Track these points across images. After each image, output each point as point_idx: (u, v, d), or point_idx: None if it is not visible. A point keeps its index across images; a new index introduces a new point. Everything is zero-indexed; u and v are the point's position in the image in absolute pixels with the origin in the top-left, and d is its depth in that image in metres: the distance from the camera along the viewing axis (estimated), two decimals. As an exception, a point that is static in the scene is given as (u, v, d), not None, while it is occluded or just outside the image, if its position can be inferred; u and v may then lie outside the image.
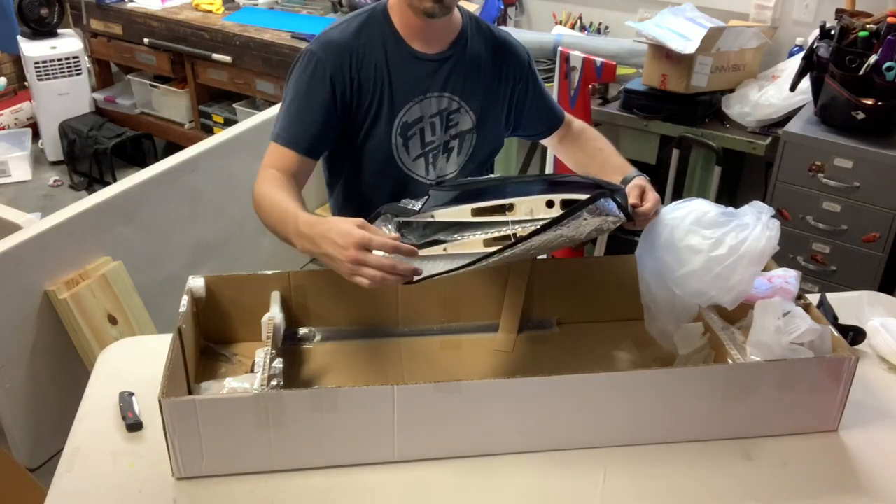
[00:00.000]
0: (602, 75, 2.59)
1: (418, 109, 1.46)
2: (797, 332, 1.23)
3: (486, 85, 1.52)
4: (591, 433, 1.23)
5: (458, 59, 1.48)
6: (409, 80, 1.45)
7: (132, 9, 3.75)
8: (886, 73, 2.17)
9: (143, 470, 1.19)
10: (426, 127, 1.48)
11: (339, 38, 1.43)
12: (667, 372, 1.24)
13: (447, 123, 1.50)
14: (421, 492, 1.17)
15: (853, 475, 1.21)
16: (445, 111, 1.49)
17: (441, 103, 1.48)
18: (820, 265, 2.42)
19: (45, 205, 3.67)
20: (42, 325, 2.12)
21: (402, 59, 1.45)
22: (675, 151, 2.66)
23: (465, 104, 1.50)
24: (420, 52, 1.46)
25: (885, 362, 1.44)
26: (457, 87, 1.48)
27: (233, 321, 1.44)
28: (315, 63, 1.41)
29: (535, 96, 1.60)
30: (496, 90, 1.54)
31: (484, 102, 1.52)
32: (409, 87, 1.45)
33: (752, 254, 1.28)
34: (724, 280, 1.28)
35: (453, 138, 1.51)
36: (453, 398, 1.17)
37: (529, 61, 1.57)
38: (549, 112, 1.65)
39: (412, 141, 1.48)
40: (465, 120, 1.51)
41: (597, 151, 1.61)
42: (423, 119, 1.47)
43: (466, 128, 1.52)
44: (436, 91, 1.47)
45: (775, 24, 2.81)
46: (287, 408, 1.14)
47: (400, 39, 1.45)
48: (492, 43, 1.53)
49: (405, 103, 1.45)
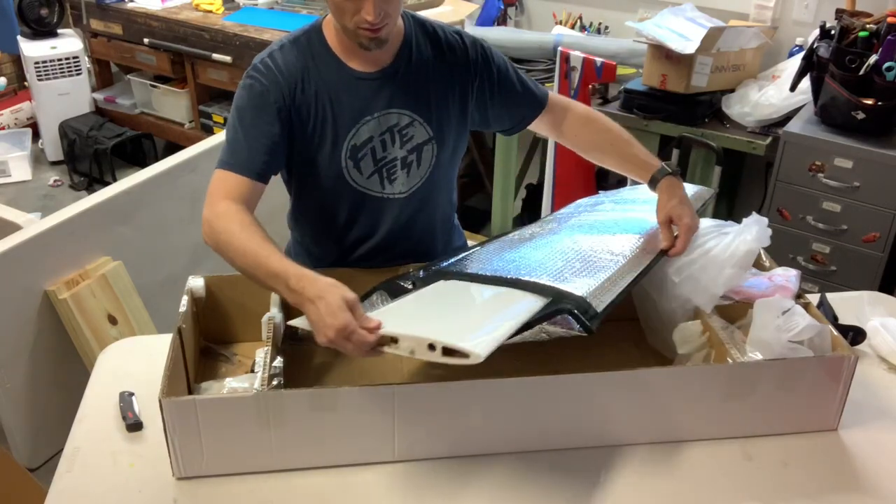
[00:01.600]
0: (602, 75, 2.59)
1: (366, 130, 1.40)
2: (796, 329, 1.23)
3: (437, 92, 1.45)
4: (592, 433, 1.23)
5: (402, 72, 1.41)
6: (352, 103, 1.39)
7: (132, 9, 3.74)
8: (886, 73, 2.17)
9: (143, 470, 1.19)
10: (377, 146, 1.42)
11: (278, 63, 1.37)
12: (667, 371, 1.24)
13: (401, 139, 1.43)
14: (421, 492, 1.17)
15: (853, 475, 1.21)
16: (396, 127, 1.42)
17: (390, 120, 1.41)
18: (820, 265, 2.42)
19: (45, 205, 3.67)
20: (42, 325, 2.12)
21: (343, 82, 1.39)
22: (675, 151, 2.66)
23: (417, 117, 1.43)
24: (361, 73, 1.39)
25: (885, 362, 1.44)
26: (404, 101, 1.42)
27: (233, 321, 1.44)
28: (256, 88, 1.36)
29: (501, 87, 1.50)
30: (450, 94, 1.46)
31: (438, 110, 1.45)
32: (353, 111, 1.39)
33: (722, 256, 1.35)
34: (695, 281, 1.34)
35: (410, 153, 1.44)
36: (453, 398, 1.17)
37: (486, 54, 1.48)
38: (523, 98, 1.54)
39: (363, 161, 1.43)
40: (420, 132, 1.44)
41: (608, 146, 1.53)
42: (372, 139, 1.41)
43: (423, 140, 1.45)
44: (382, 110, 1.41)
45: (775, 24, 2.81)
46: (287, 408, 1.14)
47: (339, 62, 1.39)
48: (439, 45, 1.45)
49: (351, 127, 1.40)
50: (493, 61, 1.49)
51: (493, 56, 1.49)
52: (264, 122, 1.36)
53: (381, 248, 1.51)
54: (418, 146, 1.45)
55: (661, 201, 1.40)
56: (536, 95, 1.55)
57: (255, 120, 1.36)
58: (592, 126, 1.54)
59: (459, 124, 1.49)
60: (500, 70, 1.50)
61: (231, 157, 1.36)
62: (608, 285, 1.20)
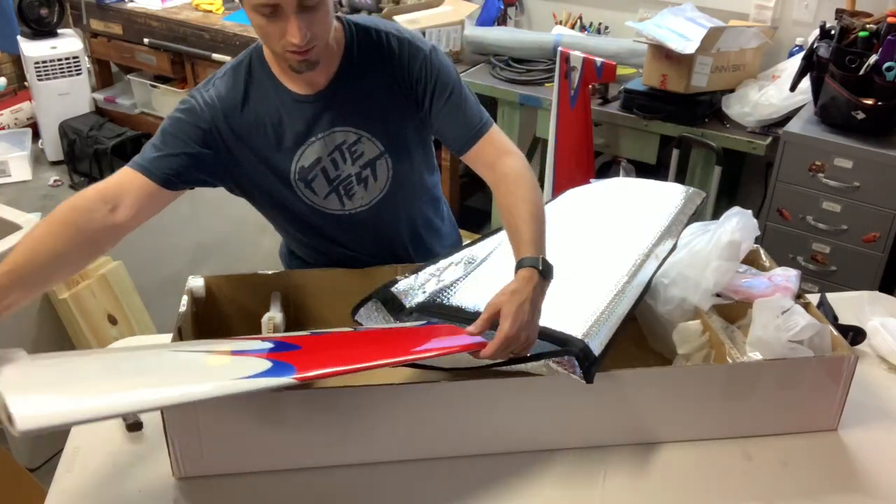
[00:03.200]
0: (602, 75, 2.59)
1: (312, 152, 1.37)
2: (796, 328, 1.24)
3: (383, 104, 1.38)
4: (591, 433, 1.23)
5: (344, 87, 1.36)
6: (294, 125, 1.36)
7: (132, 9, 3.75)
8: (886, 73, 2.17)
9: (143, 470, 1.19)
10: (327, 166, 1.39)
11: (218, 90, 1.34)
12: (667, 371, 1.24)
13: (352, 156, 1.39)
14: (421, 492, 1.17)
15: (853, 475, 1.21)
16: (343, 145, 1.38)
17: (335, 139, 1.37)
18: (820, 265, 2.42)
19: (45, 205, 3.67)
20: (42, 325, 2.12)
21: (284, 105, 1.35)
22: (675, 151, 2.66)
23: (364, 132, 1.38)
24: (300, 95, 1.35)
25: (885, 362, 1.44)
26: (348, 119, 1.37)
27: (233, 321, 1.44)
28: (190, 108, 1.33)
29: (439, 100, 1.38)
30: (397, 103, 1.39)
31: (387, 123, 1.39)
32: (296, 133, 1.36)
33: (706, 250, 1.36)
34: (685, 279, 1.35)
35: (364, 168, 1.40)
36: (453, 398, 1.17)
37: (429, 64, 1.37)
38: (458, 122, 1.38)
39: (315, 182, 1.40)
40: (370, 148, 1.39)
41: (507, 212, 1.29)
42: (321, 160, 1.38)
43: (374, 155, 1.40)
44: (325, 129, 1.37)
45: (775, 24, 2.81)
46: (287, 408, 1.14)
47: (278, 84, 1.35)
48: (381, 52, 1.37)
49: (295, 149, 1.37)
50: (434, 74, 1.37)
51: (436, 68, 1.37)
52: (185, 135, 1.32)
53: (360, 257, 1.49)
54: (370, 161, 1.40)
55: (503, 289, 1.17)
56: (471, 126, 1.38)
57: (179, 134, 1.32)
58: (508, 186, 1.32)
59: (418, 131, 1.43)
60: (439, 84, 1.37)
61: (141, 158, 1.32)
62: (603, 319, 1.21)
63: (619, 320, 1.23)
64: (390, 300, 1.34)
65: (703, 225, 1.47)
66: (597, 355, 1.14)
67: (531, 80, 2.92)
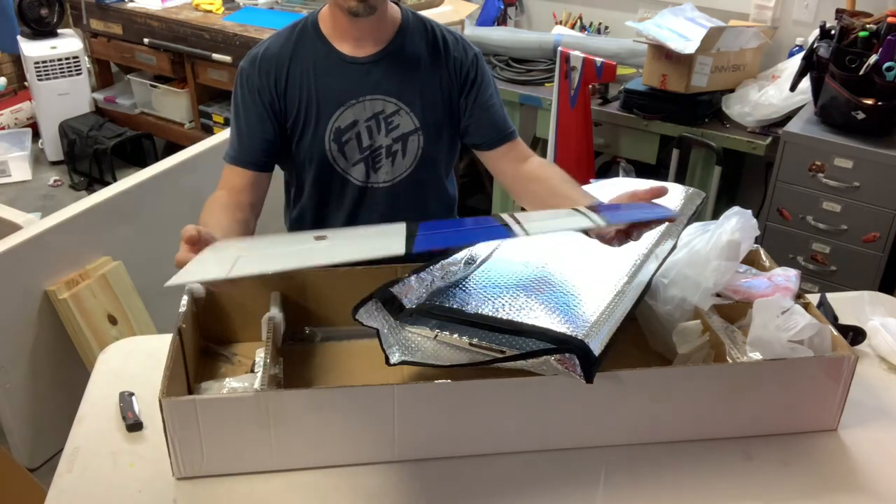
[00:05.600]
0: (602, 75, 2.59)
1: (351, 114, 1.44)
2: (796, 328, 1.24)
3: (426, 85, 1.47)
4: (591, 433, 1.23)
5: (392, 59, 1.44)
6: (338, 85, 1.42)
7: (132, 9, 3.75)
8: (886, 73, 2.17)
9: (143, 470, 1.19)
10: (362, 131, 1.45)
11: (266, 51, 1.45)
12: (666, 371, 1.24)
13: (387, 126, 1.45)
14: (421, 492, 1.17)
15: (853, 474, 1.21)
16: (381, 114, 1.45)
17: (375, 106, 1.44)
18: (820, 265, 2.42)
19: (45, 205, 3.67)
20: (42, 325, 2.12)
21: (330, 64, 1.43)
22: (675, 151, 2.67)
23: (403, 105, 1.45)
24: (349, 56, 1.43)
25: (885, 362, 1.44)
26: (392, 88, 1.44)
27: (233, 321, 1.44)
28: (245, 79, 1.45)
29: (478, 100, 1.50)
30: (439, 90, 1.48)
31: (426, 102, 1.47)
32: (338, 93, 1.43)
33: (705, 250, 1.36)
34: (685, 279, 1.36)
35: (395, 141, 1.47)
36: (453, 398, 1.17)
37: (477, 64, 1.50)
38: (492, 121, 1.51)
39: (348, 146, 1.46)
40: (406, 122, 1.46)
41: (552, 194, 1.41)
42: (357, 123, 1.44)
43: (408, 129, 1.47)
44: (368, 94, 1.43)
45: (775, 24, 2.81)
46: (287, 408, 1.14)
47: (329, 45, 1.43)
48: (435, 43, 1.48)
49: (335, 109, 1.43)
50: (479, 71, 1.50)
51: (483, 69, 1.51)
52: (255, 115, 1.44)
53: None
54: (404, 136, 1.47)
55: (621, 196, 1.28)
56: (505, 129, 1.52)
57: (248, 114, 1.45)
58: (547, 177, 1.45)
59: (451, 122, 1.51)
60: (483, 83, 1.50)
61: (232, 149, 1.47)
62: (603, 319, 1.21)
63: (619, 320, 1.22)
64: (390, 300, 1.34)
65: (703, 225, 1.47)
66: (597, 355, 1.14)
67: (531, 80, 2.92)
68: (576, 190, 1.40)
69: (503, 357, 1.17)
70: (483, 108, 1.50)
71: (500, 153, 1.52)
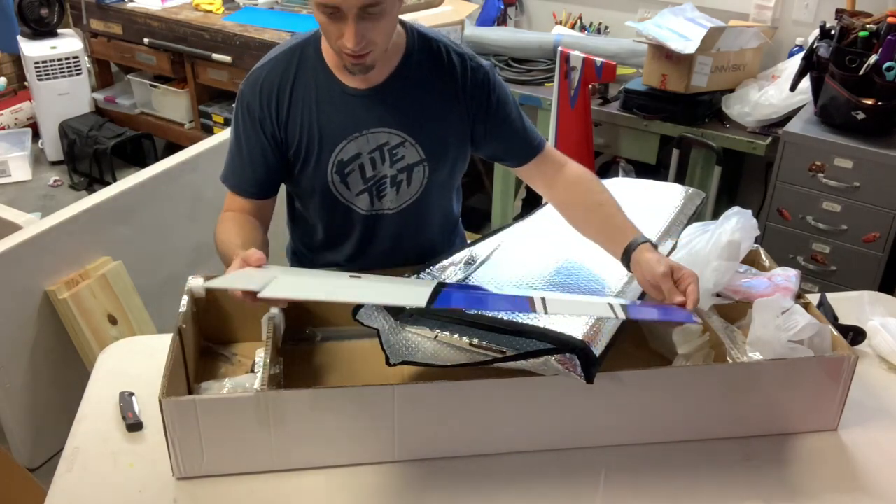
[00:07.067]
0: (602, 75, 2.59)
1: (354, 147, 1.37)
2: (796, 328, 1.24)
3: (433, 113, 1.39)
4: (591, 433, 1.23)
5: (397, 90, 1.37)
6: (340, 118, 1.36)
7: (132, 9, 3.74)
8: (886, 73, 2.17)
9: (143, 470, 1.19)
10: (365, 163, 1.39)
11: (267, 76, 1.36)
12: (666, 371, 1.24)
13: (392, 158, 1.39)
14: (421, 492, 1.17)
15: (853, 474, 1.21)
16: (385, 146, 1.38)
17: (379, 139, 1.37)
18: (820, 265, 2.42)
19: (45, 205, 3.67)
20: (42, 325, 2.12)
21: (332, 96, 1.36)
22: (675, 151, 2.67)
23: (408, 137, 1.38)
24: (351, 88, 1.35)
25: (885, 362, 1.44)
26: (396, 121, 1.37)
27: (233, 321, 1.44)
28: (246, 107, 1.38)
29: (496, 119, 1.43)
30: (447, 115, 1.40)
31: (432, 132, 1.40)
32: (341, 126, 1.36)
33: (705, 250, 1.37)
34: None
35: (400, 172, 1.41)
36: (453, 398, 1.17)
37: (487, 82, 1.41)
38: (518, 138, 1.45)
39: (351, 177, 1.40)
40: (412, 153, 1.40)
41: (597, 207, 1.39)
42: (360, 156, 1.38)
43: (414, 161, 1.40)
44: (372, 128, 1.36)
45: (775, 24, 2.81)
46: (287, 408, 1.14)
47: (331, 76, 1.36)
48: (441, 64, 1.39)
49: (338, 142, 1.37)
50: (493, 91, 1.42)
51: (496, 87, 1.42)
52: (257, 146, 1.39)
53: (374, 261, 1.50)
54: (409, 167, 1.41)
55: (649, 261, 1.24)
56: (532, 142, 1.46)
57: (250, 143, 1.40)
58: (584, 185, 1.44)
59: (458, 145, 1.44)
60: (499, 101, 1.42)
61: (233, 176, 1.43)
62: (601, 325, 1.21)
63: (619, 321, 1.22)
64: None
65: (703, 225, 1.47)
66: (597, 355, 1.14)
67: (531, 80, 2.92)
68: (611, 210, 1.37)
69: (503, 357, 1.17)
70: (506, 130, 1.44)
71: (532, 168, 1.47)
